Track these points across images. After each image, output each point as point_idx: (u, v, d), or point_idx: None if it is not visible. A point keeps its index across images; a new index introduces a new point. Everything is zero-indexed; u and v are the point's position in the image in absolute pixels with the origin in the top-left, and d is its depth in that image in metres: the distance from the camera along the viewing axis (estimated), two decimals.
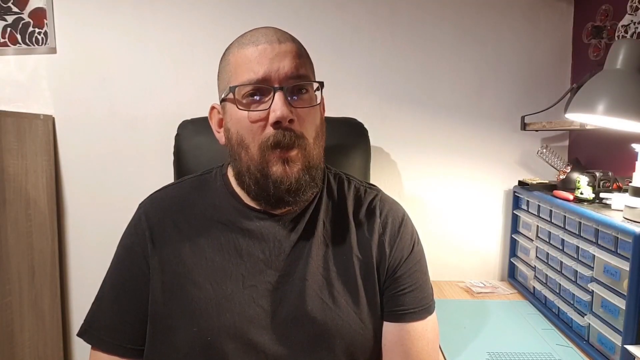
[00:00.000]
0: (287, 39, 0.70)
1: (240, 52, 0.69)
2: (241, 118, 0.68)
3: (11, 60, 1.40)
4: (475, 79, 1.43)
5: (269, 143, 0.66)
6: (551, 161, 1.27)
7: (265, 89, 0.67)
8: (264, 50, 0.67)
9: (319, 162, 0.72)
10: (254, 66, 0.67)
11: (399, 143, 1.45)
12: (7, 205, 1.19)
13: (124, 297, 0.73)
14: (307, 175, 0.69)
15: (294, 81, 0.67)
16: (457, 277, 1.46)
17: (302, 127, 0.68)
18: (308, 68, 0.71)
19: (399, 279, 0.74)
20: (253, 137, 0.68)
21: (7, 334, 1.19)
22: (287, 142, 0.66)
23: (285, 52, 0.68)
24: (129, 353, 0.72)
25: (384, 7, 1.40)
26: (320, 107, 0.74)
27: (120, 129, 1.42)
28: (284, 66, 0.67)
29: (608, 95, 0.87)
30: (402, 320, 0.73)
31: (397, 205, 0.81)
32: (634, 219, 0.86)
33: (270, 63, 0.66)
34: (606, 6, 1.25)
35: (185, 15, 1.39)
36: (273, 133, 0.66)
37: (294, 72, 0.67)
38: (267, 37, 0.68)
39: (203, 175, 0.81)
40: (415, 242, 0.78)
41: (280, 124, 0.66)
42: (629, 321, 0.84)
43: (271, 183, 0.68)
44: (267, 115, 0.66)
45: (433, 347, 0.76)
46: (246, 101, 0.68)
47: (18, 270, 1.23)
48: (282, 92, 0.66)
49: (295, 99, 0.68)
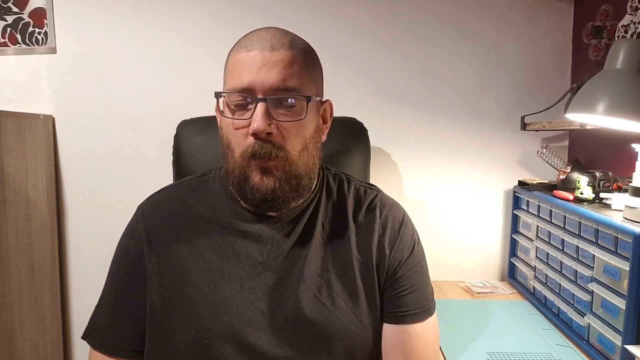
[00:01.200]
0: (282, 45, 0.67)
1: (235, 55, 0.69)
2: (228, 123, 0.69)
3: (11, 60, 1.40)
4: (475, 79, 1.43)
5: (248, 152, 0.66)
6: (551, 161, 1.27)
7: (248, 99, 0.66)
8: (254, 58, 0.66)
9: (307, 171, 0.71)
10: (242, 73, 0.66)
11: (399, 143, 1.44)
12: (7, 205, 1.19)
13: (122, 299, 0.74)
14: (286, 185, 0.68)
15: (278, 93, 0.66)
16: (457, 277, 1.46)
17: (284, 140, 0.67)
18: (302, 78, 0.68)
19: (398, 280, 0.74)
20: (237, 143, 0.68)
21: (7, 334, 1.19)
22: (264, 153, 0.65)
23: (276, 61, 0.66)
24: (129, 354, 0.72)
25: (384, 7, 1.40)
26: (315, 119, 0.72)
27: (120, 129, 1.42)
28: (270, 77, 0.65)
29: (608, 95, 0.87)
30: (402, 321, 0.73)
31: (397, 206, 0.81)
32: (634, 219, 0.86)
33: (257, 72, 0.65)
34: (606, 6, 1.25)
35: (185, 15, 1.39)
36: (252, 143, 0.66)
37: (279, 84, 0.65)
38: (260, 43, 0.67)
39: (202, 177, 0.81)
40: (415, 242, 0.78)
41: (258, 136, 0.65)
42: (629, 321, 0.84)
43: (249, 190, 0.68)
44: (249, 125, 0.66)
45: (433, 348, 0.76)
46: (233, 107, 0.68)
47: (18, 270, 1.23)
48: (264, 103, 0.65)
49: (280, 111, 0.67)
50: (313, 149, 0.72)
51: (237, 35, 0.73)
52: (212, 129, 1.15)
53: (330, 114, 0.78)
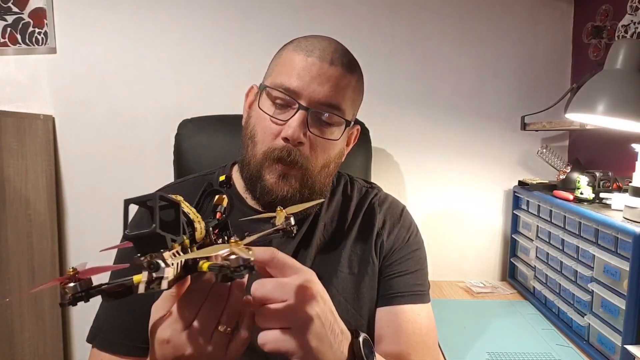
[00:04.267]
0: (341, 63, 0.68)
1: (291, 54, 0.69)
2: (262, 115, 0.69)
3: (11, 60, 1.39)
4: (475, 79, 1.43)
5: (273, 155, 0.67)
6: (551, 161, 1.27)
7: (292, 102, 0.67)
8: (311, 65, 0.66)
9: (321, 188, 0.72)
10: (293, 75, 0.66)
11: (399, 143, 1.45)
12: (7, 205, 1.19)
13: (131, 296, 0.73)
14: (297, 195, 0.68)
15: (322, 108, 0.67)
16: (457, 277, 1.46)
17: (311, 153, 0.68)
18: (347, 102, 0.69)
19: (391, 265, 0.75)
20: (263, 139, 0.68)
21: (7, 334, 1.19)
22: (290, 160, 0.66)
23: (330, 76, 0.66)
24: (140, 352, 0.71)
25: (384, 7, 1.40)
26: (346, 138, 0.74)
27: (120, 129, 1.42)
28: (321, 90, 0.66)
29: (608, 95, 0.88)
30: (391, 303, 0.73)
31: (397, 202, 0.83)
32: (634, 219, 0.86)
33: (310, 81, 0.66)
34: (606, 6, 1.25)
35: (185, 16, 1.39)
36: (280, 147, 0.66)
37: (326, 100, 0.66)
38: (322, 53, 0.67)
39: (206, 176, 0.81)
40: (412, 233, 0.79)
41: (289, 141, 0.66)
42: (629, 321, 0.84)
43: (259, 189, 0.69)
44: (282, 127, 0.67)
45: (427, 334, 0.74)
46: (272, 102, 0.68)
47: (18, 270, 1.23)
48: (305, 112, 0.66)
49: (315, 126, 0.68)
50: (333, 168, 0.73)
51: (237, 35, 0.74)
52: (213, 129, 1.16)
53: (355, 137, 0.79)
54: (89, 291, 0.38)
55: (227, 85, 1.39)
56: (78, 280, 0.38)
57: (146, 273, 0.37)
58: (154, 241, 0.38)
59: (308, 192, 0.69)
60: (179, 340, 0.45)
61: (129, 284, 0.39)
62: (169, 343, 0.46)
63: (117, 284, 0.40)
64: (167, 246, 0.38)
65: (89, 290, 0.38)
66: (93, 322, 0.75)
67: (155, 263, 0.37)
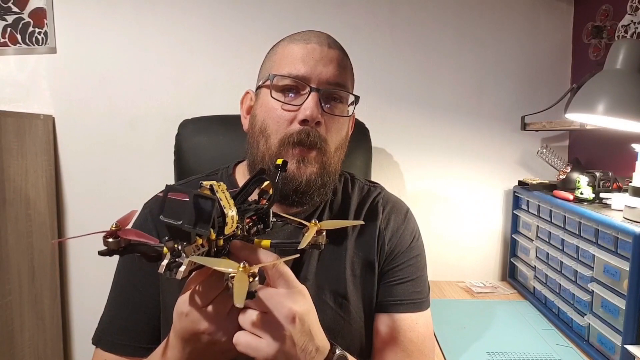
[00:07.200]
0: (337, 46, 0.72)
1: (289, 46, 0.71)
2: (271, 107, 0.70)
3: (11, 60, 1.39)
4: (475, 79, 1.43)
5: (292, 139, 0.67)
6: (551, 161, 1.27)
7: (302, 87, 0.69)
8: (312, 50, 0.69)
9: (335, 172, 0.73)
10: (298, 62, 0.68)
11: (399, 143, 1.45)
12: (7, 205, 1.19)
13: (136, 298, 0.73)
14: (319, 180, 0.69)
15: (331, 87, 0.69)
16: (457, 277, 1.46)
17: (327, 133, 0.69)
18: (348, 80, 0.73)
19: (392, 270, 0.75)
20: (277, 128, 0.69)
21: (7, 334, 1.19)
22: (310, 141, 0.67)
23: (332, 58, 0.70)
24: (147, 353, 0.71)
25: (384, 7, 1.40)
26: (350, 120, 0.77)
27: (120, 129, 1.42)
28: (327, 71, 0.69)
29: (608, 95, 0.88)
30: (391, 310, 0.74)
31: (400, 202, 0.82)
32: (634, 219, 0.86)
33: (315, 64, 0.68)
34: (606, 6, 1.26)
35: (185, 16, 1.39)
36: (298, 130, 0.67)
37: (334, 79, 0.69)
38: (318, 39, 0.71)
39: (209, 176, 0.81)
40: (415, 238, 0.79)
41: (308, 123, 0.67)
42: (629, 321, 0.84)
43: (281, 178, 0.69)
44: (296, 112, 0.68)
45: (423, 342, 0.75)
46: (281, 93, 0.69)
47: (18, 270, 1.23)
48: (317, 93, 0.68)
49: (328, 105, 0.70)
50: (342, 151, 0.75)
51: (237, 35, 0.74)
52: (213, 129, 1.16)
53: (351, 126, 0.80)
54: (126, 248, 0.42)
55: (227, 85, 1.39)
56: (117, 237, 0.42)
57: (169, 255, 0.42)
58: (183, 232, 0.42)
59: (326, 175, 0.70)
60: (196, 316, 0.49)
61: (161, 250, 0.43)
62: (187, 317, 0.50)
63: (151, 248, 0.43)
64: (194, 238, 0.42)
65: (127, 247, 0.42)
66: (98, 324, 0.75)
67: (178, 250, 0.41)
